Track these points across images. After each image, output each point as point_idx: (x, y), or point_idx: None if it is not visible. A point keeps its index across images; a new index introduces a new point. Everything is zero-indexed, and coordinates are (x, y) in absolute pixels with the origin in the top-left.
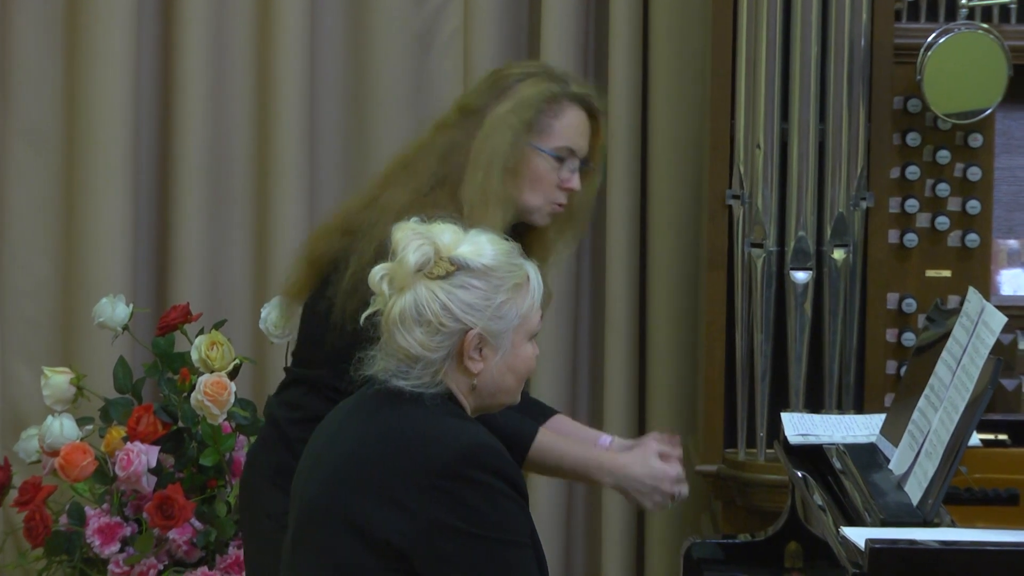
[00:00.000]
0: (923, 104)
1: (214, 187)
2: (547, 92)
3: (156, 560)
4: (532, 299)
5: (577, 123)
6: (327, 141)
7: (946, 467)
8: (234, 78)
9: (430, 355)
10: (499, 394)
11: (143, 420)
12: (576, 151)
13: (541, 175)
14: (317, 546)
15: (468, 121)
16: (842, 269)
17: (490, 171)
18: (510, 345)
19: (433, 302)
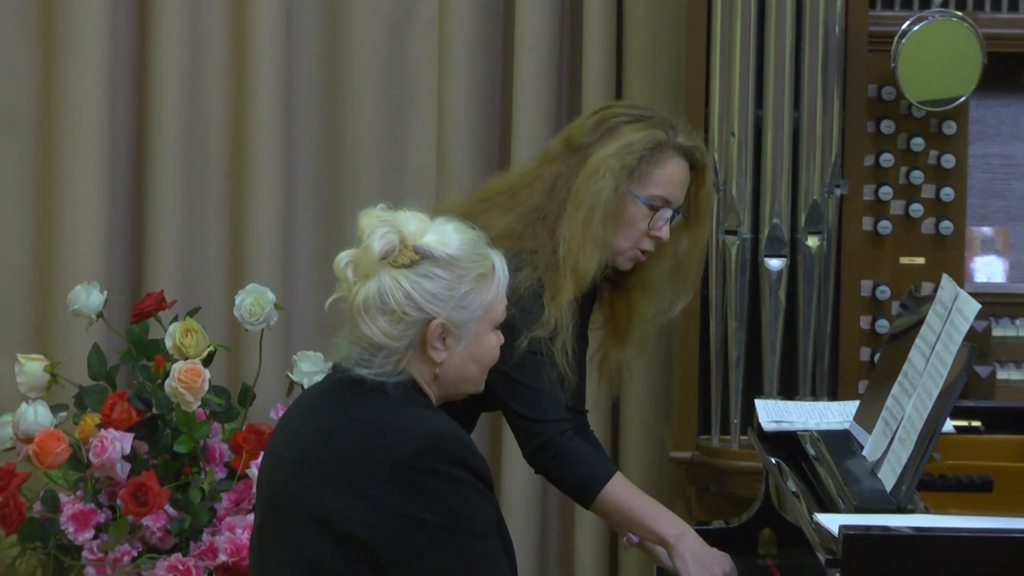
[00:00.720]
0: (897, 92)
1: (189, 174)
2: (652, 140)
3: (130, 547)
4: (497, 289)
5: (677, 174)
6: (302, 128)
7: (920, 454)
8: (209, 66)
9: (393, 344)
10: (462, 383)
11: (117, 407)
12: (671, 201)
13: (633, 220)
14: (282, 538)
15: (572, 157)
16: (816, 256)
17: (591, 214)
18: (474, 335)
19: (397, 291)
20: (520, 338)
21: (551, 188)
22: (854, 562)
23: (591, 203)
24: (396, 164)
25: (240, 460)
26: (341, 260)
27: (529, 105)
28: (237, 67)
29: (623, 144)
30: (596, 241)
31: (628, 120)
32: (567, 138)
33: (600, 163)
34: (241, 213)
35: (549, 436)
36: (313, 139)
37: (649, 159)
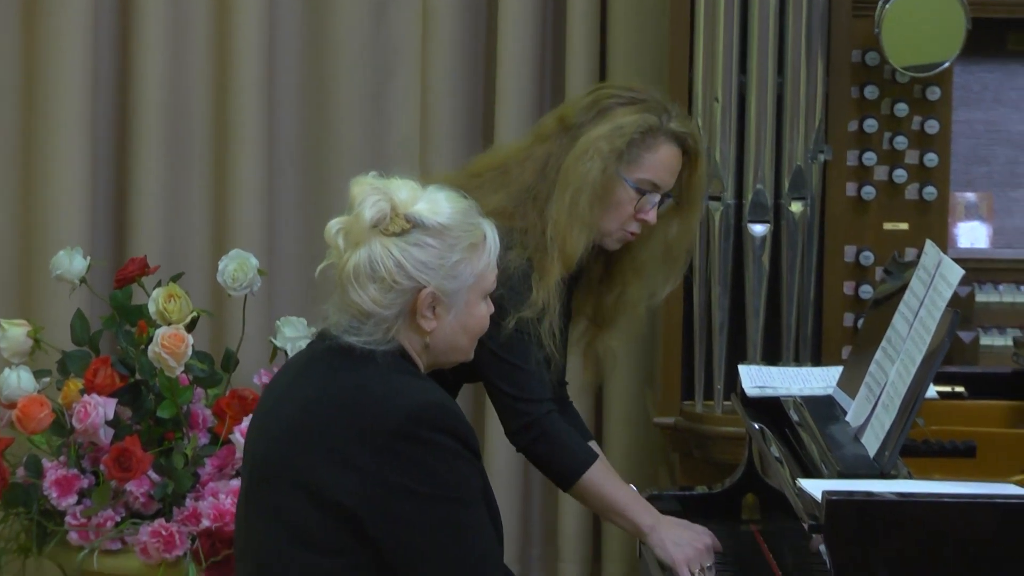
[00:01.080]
0: (881, 57)
1: (172, 139)
2: (644, 124)
3: (113, 512)
4: (488, 258)
5: (668, 160)
6: (285, 96)
7: (903, 419)
8: (192, 35)
9: (383, 312)
10: (452, 352)
11: (100, 372)
12: (660, 186)
13: (620, 203)
14: (268, 505)
15: (564, 137)
16: (800, 222)
17: (578, 195)
18: (464, 304)
19: (387, 259)
20: (508, 318)
21: (542, 167)
22: (837, 527)
23: (579, 184)
24: (379, 133)
25: (223, 426)
26: (332, 227)
27: (512, 73)
28: (220, 36)
29: (614, 126)
30: (583, 222)
31: (622, 102)
32: (560, 116)
33: (590, 144)
34: (224, 179)
35: (534, 416)
36: (296, 107)
37: (640, 143)
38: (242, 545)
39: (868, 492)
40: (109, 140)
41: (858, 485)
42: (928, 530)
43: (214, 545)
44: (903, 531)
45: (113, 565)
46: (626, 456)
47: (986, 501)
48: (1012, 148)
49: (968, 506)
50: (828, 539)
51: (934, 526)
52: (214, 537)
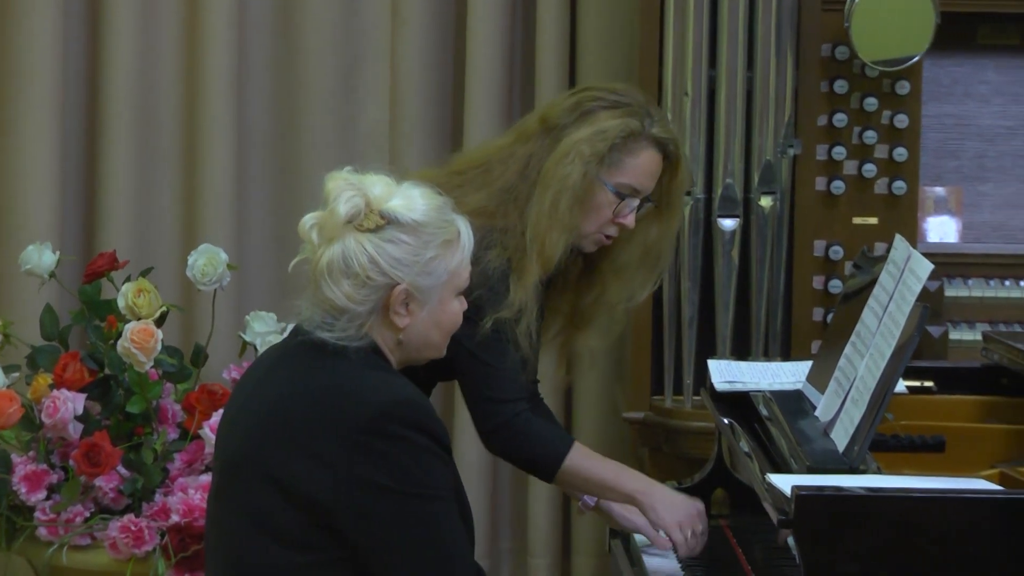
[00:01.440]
0: (851, 51)
1: (142, 134)
2: (626, 128)
3: (83, 507)
4: (462, 255)
5: (648, 165)
6: (255, 87)
7: (872, 414)
8: (161, 27)
9: (356, 308)
10: (425, 349)
11: (70, 367)
12: (639, 191)
13: (599, 207)
14: (239, 500)
15: (547, 138)
16: (769, 216)
17: (559, 198)
18: (437, 301)
19: (361, 255)
20: (486, 318)
21: (523, 168)
22: (806, 522)
23: (559, 187)
24: (348, 123)
25: (193, 420)
26: (306, 222)
27: (482, 64)
28: (189, 28)
29: (596, 130)
30: (562, 225)
31: (605, 105)
32: (543, 117)
33: (571, 147)
34: (194, 173)
35: (507, 416)
36: (266, 101)
37: (621, 147)
38: (213, 541)
39: (838, 487)
40: (78, 134)
41: (828, 480)
42: (898, 525)
43: (183, 540)
44: (873, 526)
45: (82, 560)
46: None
47: (955, 496)
48: (981, 142)
49: (938, 501)
50: (797, 534)
51: (904, 521)
52: (183, 532)
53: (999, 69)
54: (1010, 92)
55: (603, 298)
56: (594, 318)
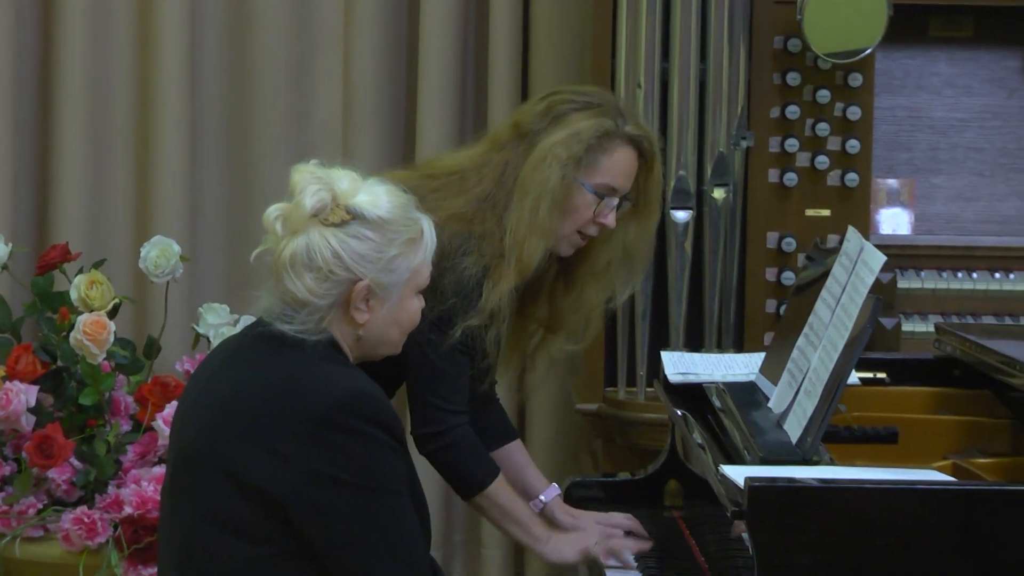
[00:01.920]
0: (803, 44)
1: (94, 126)
2: (600, 129)
3: (35, 499)
4: (424, 254)
5: (624, 163)
6: (207, 78)
7: (825, 405)
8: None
9: (317, 301)
10: (381, 346)
11: (22, 359)
12: (618, 189)
13: (579, 208)
14: (193, 491)
15: (521, 144)
16: (722, 208)
17: (538, 203)
18: (398, 299)
19: (325, 249)
20: (456, 327)
21: (500, 175)
22: (759, 513)
23: (538, 192)
24: (302, 115)
25: (146, 413)
26: (271, 213)
27: (435, 55)
28: (141, 19)
29: (571, 132)
30: (542, 230)
31: (577, 107)
32: (515, 123)
33: (547, 151)
34: (146, 165)
35: (449, 425)
36: (219, 92)
37: (597, 148)
38: (166, 532)
39: (790, 478)
40: (31, 127)
41: (780, 471)
42: (850, 516)
43: (136, 532)
44: (825, 517)
45: (35, 552)
46: (549, 442)
47: (908, 487)
48: (934, 134)
49: (890, 492)
50: (751, 525)
51: (856, 512)
52: (136, 524)
53: (951, 61)
54: (962, 84)
55: (580, 302)
56: (569, 322)
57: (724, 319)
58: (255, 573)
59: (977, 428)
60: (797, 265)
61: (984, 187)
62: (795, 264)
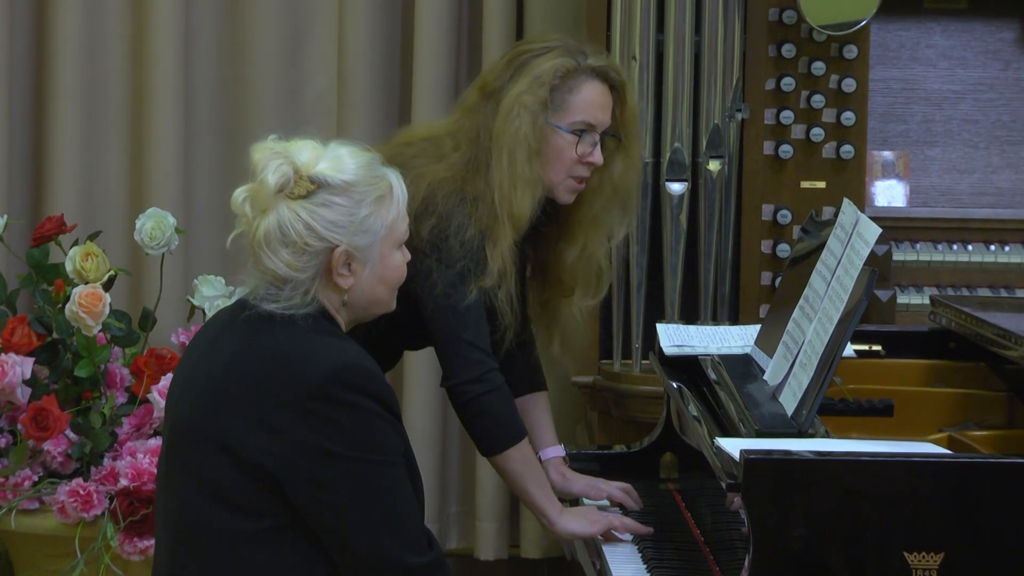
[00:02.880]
0: (798, 15)
1: (89, 98)
2: (561, 67)
3: (31, 472)
4: (397, 208)
5: (594, 96)
6: (201, 53)
7: (820, 378)
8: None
9: (298, 275)
10: (372, 306)
11: (18, 331)
12: (596, 124)
13: (560, 151)
14: (187, 464)
15: (488, 103)
16: (717, 180)
17: (514, 155)
18: (379, 257)
19: (296, 222)
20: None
21: (476, 137)
22: (755, 486)
23: (512, 143)
24: (295, 89)
25: (141, 385)
26: (238, 196)
27: (430, 31)
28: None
29: (532, 78)
30: (525, 181)
31: (536, 54)
32: (481, 85)
33: (513, 102)
34: (141, 137)
35: (492, 367)
36: (212, 66)
37: (561, 87)
38: (162, 505)
39: (786, 451)
40: (25, 100)
41: (776, 444)
42: (845, 489)
43: (132, 504)
44: (820, 490)
45: (31, 524)
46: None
47: (903, 460)
48: (928, 106)
49: (886, 465)
50: (746, 498)
51: (851, 485)
52: (132, 496)
53: (946, 33)
54: (957, 56)
55: (585, 252)
56: (582, 276)
57: (719, 291)
58: (250, 545)
59: (972, 401)
60: (792, 237)
61: (979, 159)
62: (790, 236)
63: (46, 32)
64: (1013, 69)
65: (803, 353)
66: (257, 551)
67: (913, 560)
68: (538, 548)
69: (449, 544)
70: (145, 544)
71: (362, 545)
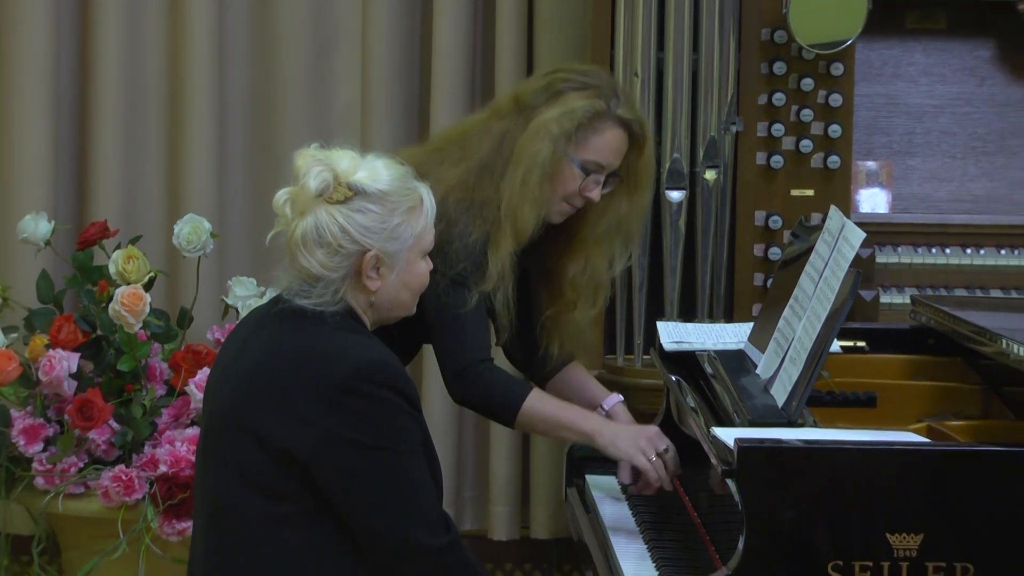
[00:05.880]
0: (789, 35)
1: (130, 112)
2: (592, 109)
3: (77, 459)
4: (425, 220)
5: (614, 142)
6: (234, 69)
7: (809, 372)
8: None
9: (330, 275)
10: (395, 309)
11: (64, 329)
12: (604, 166)
13: (566, 180)
14: (223, 451)
15: (519, 116)
16: (713, 188)
17: (529, 174)
18: (405, 263)
19: (332, 225)
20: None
21: (498, 143)
22: (748, 472)
23: (530, 163)
24: (322, 102)
25: (179, 378)
26: (279, 198)
27: (446, 50)
28: (173, 16)
29: (565, 110)
30: (533, 199)
31: (574, 87)
32: (516, 96)
33: (541, 126)
34: (178, 149)
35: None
36: (244, 80)
37: (588, 126)
38: (200, 489)
39: (777, 440)
40: (71, 112)
41: (768, 433)
42: (832, 475)
43: (171, 489)
44: (809, 476)
45: (77, 508)
46: None
47: (886, 448)
48: (909, 119)
49: (870, 452)
50: (740, 483)
51: (838, 471)
52: (171, 482)
53: (926, 51)
54: (936, 73)
55: (587, 266)
56: (584, 289)
57: (715, 291)
58: (279, 527)
59: (950, 393)
60: (783, 241)
61: (956, 169)
62: (781, 240)
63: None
64: (988, 85)
65: (793, 349)
66: (286, 532)
67: (894, 541)
68: (547, 529)
69: (464, 526)
70: (183, 526)
71: (385, 527)
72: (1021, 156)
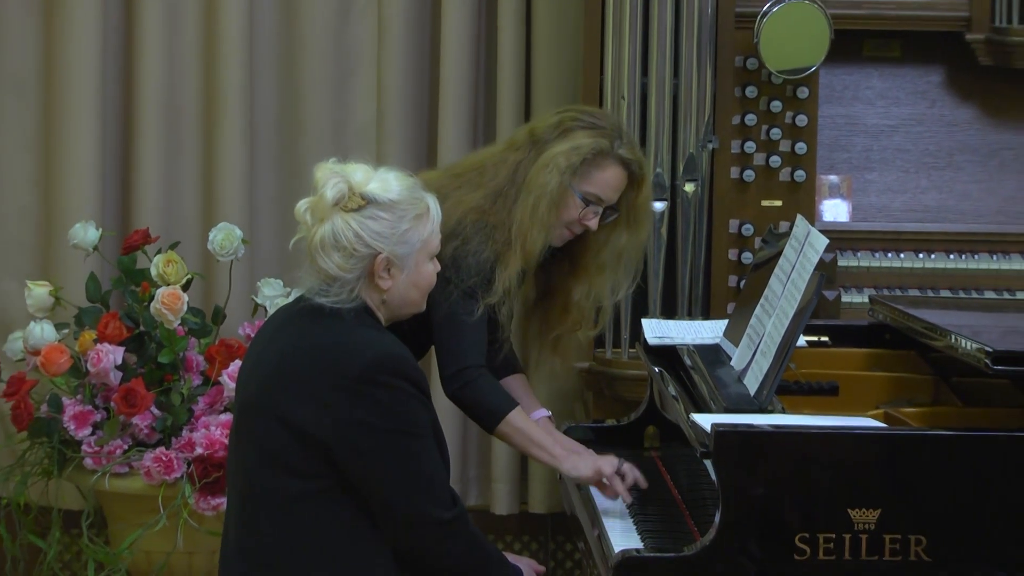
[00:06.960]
0: (760, 62)
1: (169, 130)
2: (597, 147)
3: (122, 441)
4: (432, 225)
5: (614, 179)
6: (264, 92)
7: (778, 364)
8: (186, 35)
9: (346, 276)
10: (406, 306)
11: (111, 325)
12: (604, 199)
13: (568, 208)
14: (253, 434)
15: (533, 148)
16: (692, 200)
17: (539, 202)
18: (414, 265)
19: (348, 231)
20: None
21: (513, 172)
22: (724, 454)
23: (539, 192)
24: (342, 122)
25: (213, 369)
26: (301, 207)
27: (453, 75)
28: (208, 38)
29: (573, 145)
30: (541, 225)
31: (583, 126)
32: (531, 130)
33: (551, 159)
34: (213, 164)
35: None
36: (272, 101)
37: (591, 162)
38: (232, 469)
39: (749, 424)
40: (116, 129)
41: (741, 419)
42: (799, 456)
43: (206, 469)
44: (778, 457)
45: (121, 486)
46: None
47: (847, 432)
48: (867, 138)
49: (832, 436)
50: (716, 463)
51: (804, 453)
52: (206, 462)
53: (882, 77)
54: (891, 96)
55: (590, 290)
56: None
57: (694, 292)
58: (304, 503)
59: (904, 383)
60: (754, 247)
61: (910, 182)
62: (753, 246)
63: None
64: (938, 107)
65: (763, 343)
66: (310, 508)
67: (855, 515)
68: (544, 505)
69: (469, 501)
70: (217, 502)
71: (398, 502)
72: (967, 171)
